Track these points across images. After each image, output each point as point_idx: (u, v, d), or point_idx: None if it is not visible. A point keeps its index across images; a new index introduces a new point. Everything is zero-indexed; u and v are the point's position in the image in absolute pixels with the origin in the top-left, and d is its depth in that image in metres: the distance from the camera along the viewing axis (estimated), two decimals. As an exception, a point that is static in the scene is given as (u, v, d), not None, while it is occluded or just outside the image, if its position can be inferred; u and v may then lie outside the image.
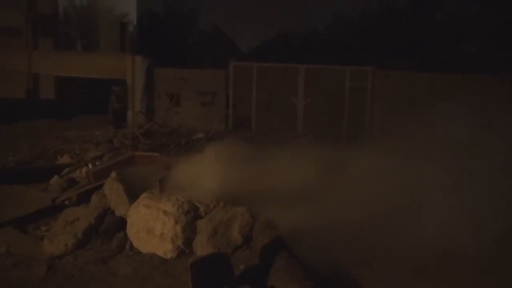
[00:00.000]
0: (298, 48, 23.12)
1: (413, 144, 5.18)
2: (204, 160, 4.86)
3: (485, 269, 3.73)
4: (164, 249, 4.00)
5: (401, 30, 19.37)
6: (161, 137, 7.21)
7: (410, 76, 11.50)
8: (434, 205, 4.24)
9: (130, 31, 20.81)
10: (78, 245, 4.20)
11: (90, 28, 18.42)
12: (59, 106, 13.58)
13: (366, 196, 4.35)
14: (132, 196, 4.48)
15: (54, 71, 13.11)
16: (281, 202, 4.33)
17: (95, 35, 18.77)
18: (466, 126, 5.54)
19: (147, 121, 8.42)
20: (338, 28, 23.47)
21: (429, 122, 6.34)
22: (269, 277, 3.30)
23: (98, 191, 4.93)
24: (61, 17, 16.43)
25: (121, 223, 4.38)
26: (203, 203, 4.43)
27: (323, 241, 3.78)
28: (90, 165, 5.95)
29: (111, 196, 4.62)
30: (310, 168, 4.78)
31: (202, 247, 4.01)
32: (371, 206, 4.20)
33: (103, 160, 6.06)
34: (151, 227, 4.09)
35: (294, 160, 4.97)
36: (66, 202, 5.01)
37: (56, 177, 5.78)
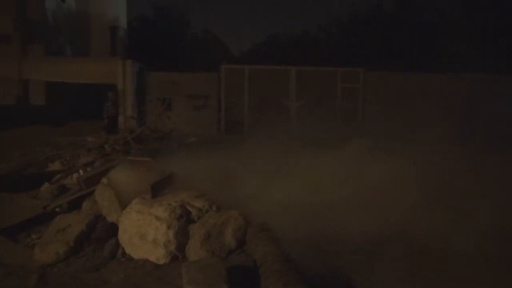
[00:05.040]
0: (290, 51, 23.21)
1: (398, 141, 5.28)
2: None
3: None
4: (157, 254, 3.96)
5: (391, 31, 19.52)
6: (153, 142, 7.17)
7: (400, 76, 11.58)
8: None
9: (120, 35, 20.76)
10: (70, 252, 4.15)
11: (80, 33, 18.29)
12: (50, 112, 13.47)
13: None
14: (124, 202, 4.44)
15: (44, 76, 13.02)
16: None
17: (85, 40, 18.66)
18: (455, 123, 5.64)
19: (139, 126, 8.37)
20: (329, 30, 23.60)
21: (419, 120, 6.42)
22: (262, 280, 3.29)
23: (90, 198, 4.89)
24: (51, 23, 16.29)
25: (113, 229, 4.34)
26: (196, 207, 4.41)
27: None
28: (81, 172, 5.90)
29: (102, 202, 4.58)
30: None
31: (195, 252, 3.98)
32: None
33: (95, 166, 6.01)
34: (144, 232, 4.05)
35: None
36: (57, 210, 4.95)
37: (46, 184, 5.72)
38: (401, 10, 20.52)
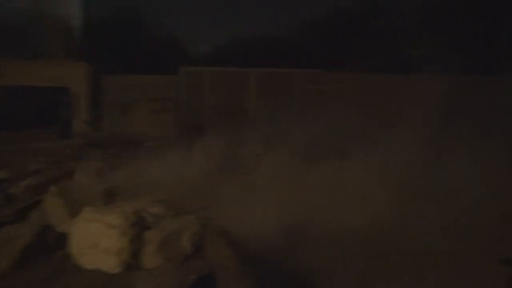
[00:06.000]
0: (254, 53, 23.24)
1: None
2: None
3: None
4: (110, 264, 3.80)
5: (354, 33, 19.93)
6: (109, 147, 6.93)
7: (358, 77, 11.82)
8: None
9: (76, 37, 20.02)
10: (17, 266, 3.91)
11: (34, 35, 17.49)
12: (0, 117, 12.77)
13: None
14: (74, 210, 4.24)
15: (-8, 80, 12.32)
16: None
17: (39, 42, 17.87)
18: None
19: (94, 131, 8.08)
20: (293, 31, 23.84)
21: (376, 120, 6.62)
22: (219, 285, 3.24)
23: (38, 207, 4.64)
24: (1, 23, 15.48)
25: (63, 239, 4.13)
26: (152, 213, 4.29)
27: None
28: (29, 179, 5.59)
29: (51, 211, 4.35)
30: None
31: (150, 259, 3.86)
32: None
33: (44, 173, 5.72)
34: (96, 242, 3.88)
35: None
36: (3, 220, 4.66)
37: (-9, 194, 5.38)
38: (360, 13, 21.00)
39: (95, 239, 3.89)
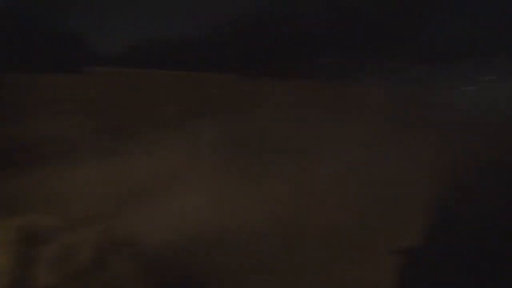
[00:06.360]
0: (168, 54, 22.73)
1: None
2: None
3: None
4: (-6, 285, 3.41)
5: (274, 38, 20.33)
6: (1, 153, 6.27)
7: (272, 83, 12.14)
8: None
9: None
10: None
11: None
12: None
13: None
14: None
15: None
16: None
17: None
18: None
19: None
20: (211, 34, 23.72)
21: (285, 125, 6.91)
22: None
23: None
24: None
25: None
26: (47, 226, 3.94)
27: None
28: None
29: None
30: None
31: (44, 277, 3.53)
32: None
33: None
34: (-23, 261, 3.45)
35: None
36: None
37: None
38: (288, 17, 21.45)
39: (-24, 258, 3.46)
